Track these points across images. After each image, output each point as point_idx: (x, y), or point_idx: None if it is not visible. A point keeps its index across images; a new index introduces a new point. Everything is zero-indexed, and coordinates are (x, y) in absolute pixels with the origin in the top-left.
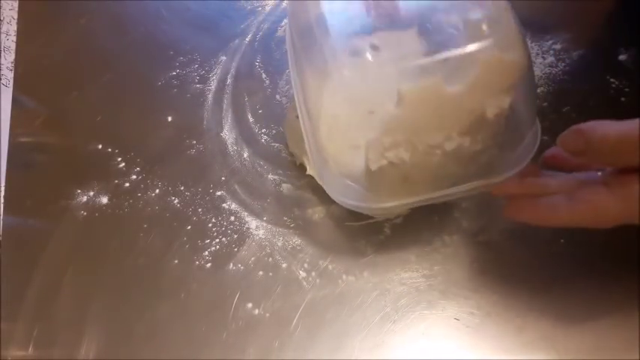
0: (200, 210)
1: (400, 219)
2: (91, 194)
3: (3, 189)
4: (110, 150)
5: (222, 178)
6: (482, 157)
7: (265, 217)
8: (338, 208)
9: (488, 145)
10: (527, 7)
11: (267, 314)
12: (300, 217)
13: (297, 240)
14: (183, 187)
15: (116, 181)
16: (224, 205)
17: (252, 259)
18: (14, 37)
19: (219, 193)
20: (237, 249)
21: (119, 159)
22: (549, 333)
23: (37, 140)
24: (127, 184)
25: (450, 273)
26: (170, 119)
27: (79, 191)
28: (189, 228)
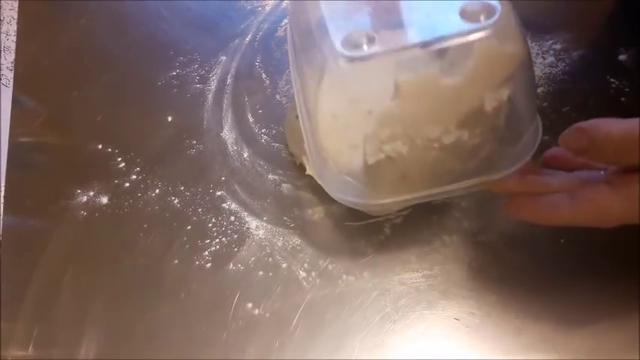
0: (200, 210)
1: (400, 219)
2: (91, 194)
3: (3, 189)
4: (110, 150)
5: (222, 178)
6: (481, 152)
7: (265, 217)
8: (338, 208)
9: (487, 140)
10: (528, 7)
11: (267, 314)
12: (300, 217)
13: (297, 240)
14: (183, 187)
15: (116, 181)
16: (224, 205)
17: (252, 259)
18: (14, 37)
19: (219, 193)
20: (237, 249)
21: (119, 159)
22: (549, 333)
23: (37, 140)
24: (127, 184)
25: (450, 273)
26: (170, 119)
27: (79, 191)
28: (189, 228)
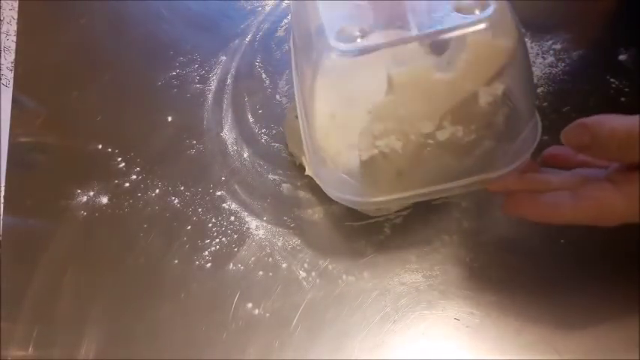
0: (200, 210)
1: (400, 219)
2: (91, 194)
3: (3, 189)
4: (110, 150)
5: (222, 178)
6: (477, 150)
7: (265, 217)
8: (338, 208)
9: (483, 136)
10: (527, 7)
11: (267, 314)
12: (300, 217)
13: (297, 240)
14: (183, 187)
15: (116, 181)
16: (224, 205)
17: (252, 259)
18: (14, 37)
19: (219, 193)
20: (237, 249)
21: (119, 159)
22: (549, 333)
23: (37, 140)
24: (127, 184)
25: (450, 273)
26: (170, 119)
27: (79, 191)
28: (189, 228)
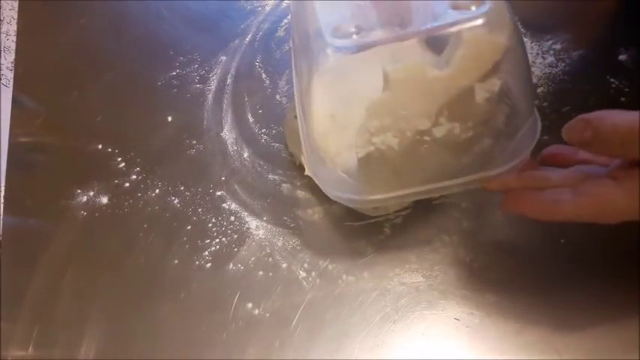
0: (200, 210)
1: (400, 219)
2: (91, 194)
3: (3, 189)
4: (110, 150)
5: (222, 178)
6: (475, 147)
7: (265, 217)
8: (338, 208)
9: (480, 133)
10: (527, 7)
11: (267, 314)
12: (300, 217)
13: (297, 240)
14: (183, 187)
15: (116, 181)
16: (224, 205)
17: (252, 259)
18: (14, 37)
19: (219, 193)
20: (237, 249)
21: (119, 159)
22: (549, 334)
23: (37, 140)
24: (127, 184)
25: (450, 273)
26: (170, 119)
27: (79, 191)
28: (189, 228)
